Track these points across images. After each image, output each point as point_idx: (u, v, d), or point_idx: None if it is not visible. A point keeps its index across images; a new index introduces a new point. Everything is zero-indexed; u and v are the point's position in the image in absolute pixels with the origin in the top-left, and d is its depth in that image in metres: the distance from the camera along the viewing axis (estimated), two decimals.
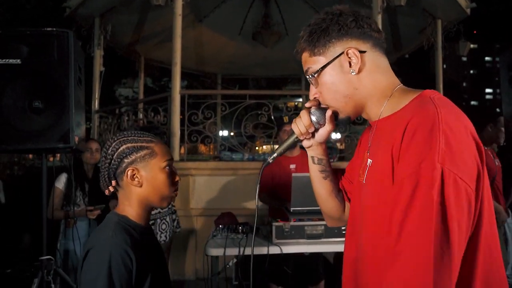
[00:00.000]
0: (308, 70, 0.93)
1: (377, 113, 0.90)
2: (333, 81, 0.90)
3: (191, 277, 3.99)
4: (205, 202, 4.04)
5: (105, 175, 1.10)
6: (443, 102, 0.79)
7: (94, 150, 2.80)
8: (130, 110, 5.51)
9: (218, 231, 2.55)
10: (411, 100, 0.83)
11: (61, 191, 2.66)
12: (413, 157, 0.71)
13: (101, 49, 5.09)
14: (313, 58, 0.92)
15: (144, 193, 1.09)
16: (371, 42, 0.89)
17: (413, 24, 5.33)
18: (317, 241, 2.33)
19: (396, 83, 0.91)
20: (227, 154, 4.59)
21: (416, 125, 0.74)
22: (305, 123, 0.98)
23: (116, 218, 1.08)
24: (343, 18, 0.88)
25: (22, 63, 1.79)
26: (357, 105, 0.91)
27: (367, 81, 0.89)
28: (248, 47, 6.46)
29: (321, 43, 0.89)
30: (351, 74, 0.88)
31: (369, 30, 0.89)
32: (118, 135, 1.12)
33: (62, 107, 1.84)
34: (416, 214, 0.69)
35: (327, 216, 1.15)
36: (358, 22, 0.88)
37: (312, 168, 1.08)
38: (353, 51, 0.87)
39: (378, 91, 0.89)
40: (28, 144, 1.80)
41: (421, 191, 0.69)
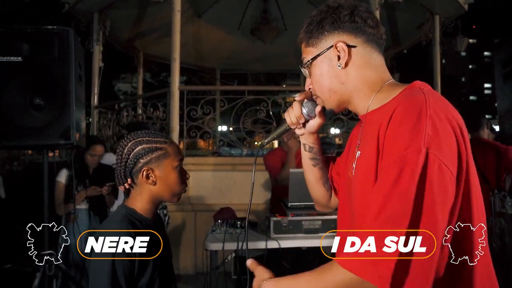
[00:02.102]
0: (303, 60, 0.96)
1: (364, 106, 0.90)
2: (321, 73, 0.91)
3: (190, 272, 4.04)
4: (204, 198, 4.08)
5: (121, 173, 1.17)
6: (433, 93, 0.80)
7: (98, 155, 2.81)
8: (129, 105, 5.53)
9: (217, 226, 2.58)
10: (399, 92, 0.83)
11: (63, 185, 2.70)
12: (400, 142, 0.71)
13: (100, 44, 5.09)
14: (308, 49, 0.94)
15: (157, 190, 1.18)
16: (364, 37, 0.88)
17: (411, 19, 5.34)
18: (314, 236, 2.37)
19: (387, 78, 0.90)
20: (226, 149, 4.62)
21: (403, 111, 0.74)
22: (296, 114, 1.01)
23: (124, 211, 1.17)
24: (338, 11, 0.89)
25: (23, 61, 1.81)
26: (341, 99, 0.92)
27: (354, 75, 0.89)
28: (247, 42, 6.47)
29: (315, 35, 0.91)
30: (338, 68, 0.88)
31: (363, 25, 0.88)
32: (134, 136, 1.19)
33: (63, 104, 1.86)
34: (397, 198, 0.69)
35: (314, 200, 1.21)
36: (352, 16, 0.88)
37: (303, 155, 1.13)
38: (341, 45, 0.87)
39: (366, 86, 0.89)
40: (29, 140, 1.83)
41: (406, 175, 0.68)
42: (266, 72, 11.36)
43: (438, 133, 0.70)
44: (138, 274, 1.10)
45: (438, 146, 0.69)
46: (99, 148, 2.81)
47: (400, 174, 0.69)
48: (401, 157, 0.70)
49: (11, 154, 6.19)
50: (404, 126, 0.72)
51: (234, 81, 12.98)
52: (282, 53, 6.94)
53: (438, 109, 0.73)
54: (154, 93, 5.26)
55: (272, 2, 5.84)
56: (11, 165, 6.24)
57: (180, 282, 3.82)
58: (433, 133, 0.70)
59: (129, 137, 1.19)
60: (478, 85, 48.88)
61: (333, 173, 1.13)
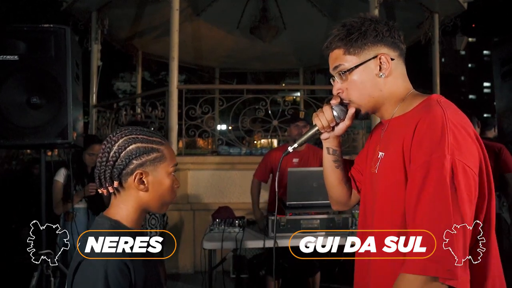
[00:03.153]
0: (338, 66, 1.02)
1: (391, 113, 1.03)
2: (362, 81, 1.00)
3: (189, 271, 4.04)
4: (203, 197, 4.08)
5: (106, 174, 0.98)
6: (448, 105, 0.92)
7: (97, 154, 2.80)
8: (128, 104, 5.52)
9: (215, 225, 2.58)
10: (419, 103, 0.96)
11: (61, 184, 2.70)
12: (425, 150, 0.84)
13: (98, 43, 5.08)
14: (347, 56, 1.00)
15: (147, 198, 1.01)
16: (399, 52, 1.01)
17: (410, 18, 5.33)
18: (312, 235, 2.37)
19: (410, 88, 1.04)
20: (225, 148, 4.61)
21: (427, 124, 0.86)
22: (328, 117, 1.07)
23: (107, 224, 0.98)
24: (380, 26, 0.99)
25: (20, 59, 1.80)
26: (376, 104, 1.03)
27: (391, 85, 1.01)
28: (246, 41, 6.45)
29: (358, 44, 0.99)
30: (380, 77, 0.99)
31: (398, 41, 1.01)
32: (125, 131, 1.01)
33: (60, 103, 1.85)
34: (430, 195, 0.81)
35: (334, 201, 1.27)
36: (391, 32, 1.00)
37: (326, 158, 1.19)
38: (385, 57, 0.98)
39: (396, 95, 1.02)
40: (27, 139, 1.82)
41: (433, 176, 0.81)
42: (265, 71, 11.34)
43: (459, 142, 0.83)
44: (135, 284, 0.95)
45: (460, 152, 0.82)
46: (97, 147, 2.80)
47: (427, 175, 0.82)
48: (428, 161, 0.83)
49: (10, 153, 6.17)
50: (430, 137, 0.84)
51: (234, 80, 12.96)
52: (282, 51, 6.93)
53: (455, 121, 0.86)
54: (153, 92, 5.25)
55: (271, 1, 5.83)
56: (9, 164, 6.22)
57: (179, 281, 3.83)
58: (455, 142, 0.83)
59: (119, 133, 1.01)
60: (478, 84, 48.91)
61: (354, 172, 1.22)
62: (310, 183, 2.52)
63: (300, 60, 7.74)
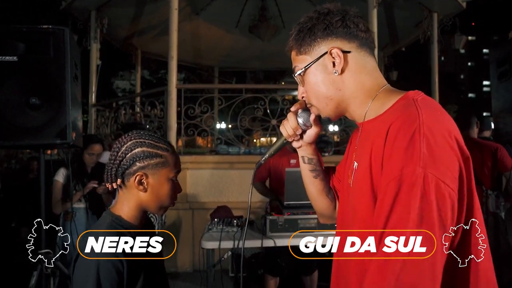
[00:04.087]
0: (295, 68, 0.93)
1: (362, 114, 0.89)
2: (316, 81, 0.89)
3: (188, 269, 4.06)
4: (202, 196, 4.09)
5: (112, 171, 1.08)
6: (426, 104, 0.78)
7: (96, 154, 2.81)
8: (127, 103, 5.52)
9: (214, 224, 2.60)
10: (394, 102, 0.83)
11: (61, 184, 2.71)
12: (395, 163, 0.71)
13: (97, 42, 5.08)
14: (300, 57, 0.91)
15: (146, 199, 1.10)
16: (357, 42, 0.87)
17: (409, 17, 5.35)
18: (310, 234, 2.38)
19: (382, 83, 0.89)
20: (224, 147, 4.62)
21: (397, 130, 0.74)
22: (292, 125, 0.99)
23: (109, 219, 1.08)
24: (329, 17, 0.87)
25: (19, 60, 1.80)
26: (338, 107, 0.91)
27: (351, 81, 0.87)
28: (245, 40, 6.46)
29: (307, 42, 0.88)
30: (334, 74, 0.87)
31: (355, 30, 0.87)
32: (135, 135, 1.10)
33: (59, 103, 1.86)
34: (397, 216, 0.69)
35: (319, 213, 1.17)
36: (344, 22, 0.86)
37: (303, 167, 1.10)
38: (336, 51, 0.85)
39: (362, 92, 0.88)
40: (26, 140, 1.82)
41: (403, 194, 0.69)
42: (264, 69, 11.34)
43: (433, 151, 0.70)
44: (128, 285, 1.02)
45: (434, 165, 0.69)
46: (97, 147, 2.81)
47: (398, 192, 0.69)
48: (397, 176, 0.70)
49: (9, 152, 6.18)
50: (399, 146, 0.72)
51: (233, 79, 12.96)
52: (280, 50, 6.82)
53: (431, 125, 0.72)
54: (151, 91, 5.26)
55: (270, 0, 5.83)
56: (9, 163, 6.24)
57: (178, 280, 3.84)
58: (428, 152, 0.69)
59: (130, 135, 1.10)
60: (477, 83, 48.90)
61: (335, 181, 1.11)
62: None
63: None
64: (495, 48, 2.11)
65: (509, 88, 1.91)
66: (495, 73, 2.02)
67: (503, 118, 1.96)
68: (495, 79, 2.02)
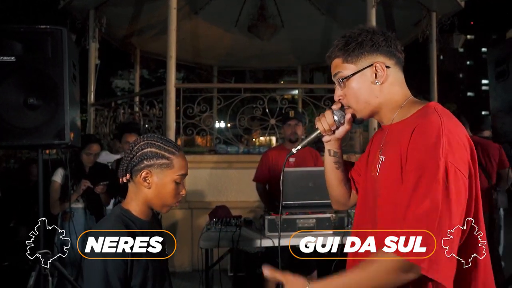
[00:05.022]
0: (337, 73, 1.09)
1: (390, 118, 1.08)
2: (359, 87, 1.07)
3: (187, 269, 4.07)
4: (201, 195, 4.09)
5: (124, 166, 1.21)
6: (444, 112, 0.97)
7: (94, 154, 2.81)
8: (126, 103, 5.52)
9: (212, 224, 2.60)
10: (418, 110, 1.01)
11: (59, 184, 2.71)
12: (421, 153, 0.90)
13: (96, 42, 5.07)
14: (345, 65, 1.07)
15: (150, 195, 1.20)
16: (395, 60, 1.07)
17: (408, 17, 5.34)
18: (308, 234, 2.39)
19: (408, 95, 1.09)
20: (223, 147, 4.62)
21: (423, 129, 0.92)
22: (329, 121, 1.14)
23: (118, 211, 1.21)
24: (376, 36, 1.05)
25: (17, 60, 1.80)
26: (373, 110, 1.09)
27: (387, 92, 1.06)
28: (244, 39, 6.45)
29: (355, 53, 1.05)
30: (376, 84, 1.05)
31: (395, 50, 1.07)
32: (149, 137, 1.22)
33: (57, 103, 1.86)
34: (421, 195, 0.86)
35: (335, 200, 1.34)
36: (387, 42, 1.06)
37: (327, 159, 1.26)
38: (380, 65, 1.04)
39: (393, 101, 1.07)
40: (24, 140, 1.83)
41: (426, 177, 0.87)
42: (263, 69, 11.33)
43: (452, 147, 0.88)
44: (130, 274, 1.11)
45: (453, 156, 0.88)
46: (95, 147, 2.81)
47: (421, 176, 0.87)
48: (421, 164, 0.88)
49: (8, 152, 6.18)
50: (425, 141, 0.90)
51: (232, 78, 12.96)
52: (280, 49, 6.92)
53: (450, 128, 0.91)
54: (150, 91, 5.26)
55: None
56: (7, 163, 6.23)
57: (177, 279, 3.84)
58: (449, 147, 0.88)
59: (145, 136, 1.23)
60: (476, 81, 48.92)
61: (354, 173, 1.28)
62: (306, 182, 2.53)
63: (298, 58, 7.74)
64: (493, 48, 2.11)
65: (506, 88, 1.92)
66: (493, 73, 2.02)
67: (500, 118, 1.97)
68: (493, 79, 2.02)
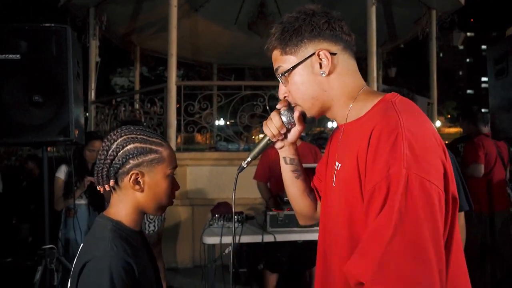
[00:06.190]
0: (278, 68, 0.93)
1: (344, 115, 0.91)
2: (302, 81, 0.90)
3: (188, 265, 4.10)
4: (201, 192, 4.12)
5: (103, 172, 0.98)
6: (404, 107, 0.81)
7: (97, 150, 2.83)
8: (127, 100, 5.54)
9: (214, 220, 2.63)
10: (374, 105, 0.86)
11: (62, 181, 2.73)
12: (380, 165, 0.73)
13: (96, 39, 5.08)
14: (284, 57, 0.91)
15: (143, 199, 1.01)
16: (342, 45, 0.89)
17: (408, 14, 5.36)
18: (309, 230, 2.42)
19: (362, 85, 0.92)
20: (223, 144, 4.64)
21: (379, 133, 0.76)
22: (277, 124, 0.98)
23: (110, 225, 0.98)
24: (316, 18, 0.88)
25: (22, 58, 1.83)
26: (323, 107, 0.92)
27: (336, 83, 0.89)
28: (244, 37, 6.46)
29: (293, 42, 0.88)
30: (321, 75, 0.88)
31: (340, 33, 0.89)
32: (125, 130, 1.01)
33: (62, 101, 1.89)
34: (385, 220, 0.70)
35: (299, 215, 1.18)
36: (330, 24, 0.88)
37: (284, 168, 1.10)
38: (324, 53, 0.87)
39: (345, 94, 0.90)
40: (29, 137, 1.85)
41: (390, 197, 0.70)
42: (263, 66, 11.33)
43: (416, 152, 0.72)
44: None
45: (417, 164, 0.71)
46: (97, 143, 2.83)
47: (386, 196, 0.71)
48: (383, 179, 0.72)
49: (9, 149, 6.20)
50: (383, 149, 0.74)
51: (232, 76, 12.96)
52: None
53: (411, 127, 0.75)
54: (151, 88, 5.27)
55: None
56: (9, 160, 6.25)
57: (178, 275, 3.88)
58: (411, 153, 0.71)
59: (120, 132, 1.00)
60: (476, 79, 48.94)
61: (316, 181, 1.12)
62: None
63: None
64: (492, 46, 2.14)
65: (505, 85, 1.94)
66: (492, 71, 2.04)
67: (499, 115, 1.99)
68: (492, 76, 2.05)
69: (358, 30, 3.90)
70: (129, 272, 0.90)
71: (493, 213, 2.96)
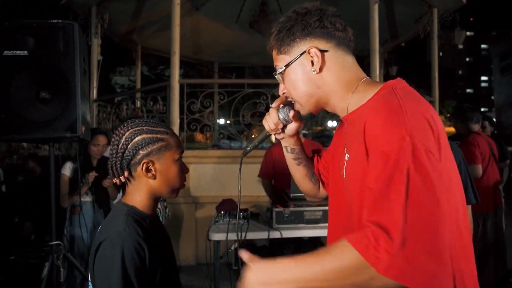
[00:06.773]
0: (276, 67, 0.98)
1: (343, 107, 0.92)
2: (296, 79, 0.94)
3: (191, 263, 4.10)
4: (204, 190, 4.12)
5: (117, 165, 1.06)
6: (406, 92, 0.82)
7: (101, 145, 2.84)
8: (129, 99, 5.54)
9: (220, 217, 2.63)
10: (375, 93, 0.86)
11: (68, 177, 2.74)
12: (382, 137, 0.74)
13: (98, 38, 5.08)
14: (280, 56, 0.96)
15: (157, 185, 1.09)
16: (335, 41, 0.91)
17: (409, 13, 5.36)
18: (315, 226, 2.43)
19: (361, 76, 0.93)
20: (226, 142, 4.65)
21: (381, 111, 0.78)
22: (274, 120, 1.06)
23: (125, 209, 1.07)
24: (307, 17, 0.90)
25: (29, 55, 1.83)
26: (319, 102, 0.95)
27: (330, 78, 0.91)
28: (245, 35, 6.46)
29: (286, 42, 0.92)
30: (313, 73, 0.91)
31: (332, 30, 0.90)
32: (131, 124, 1.08)
33: (69, 97, 1.89)
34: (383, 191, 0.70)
35: (305, 193, 1.29)
36: (322, 22, 0.90)
37: (286, 156, 1.20)
38: (314, 51, 0.89)
39: (341, 87, 0.92)
40: (36, 133, 1.86)
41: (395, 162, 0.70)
42: (264, 65, 11.33)
43: (416, 125, 0.73)
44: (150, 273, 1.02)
45: (419, 133, 0.72)
46: (102, 138, 2.85)
47: (386, 165, 0.71)
48: (386, 150, 0.72)
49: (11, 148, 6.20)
50: (384, 124, 0.75)
51: (232, 74, 12.96)
52: None
53: (412, 107, 0.76)
54: (153, 87, 5.27)
55: None
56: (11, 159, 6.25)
57: (181, 273, 3.88)
58: (414, 122, 0.73)
59: (126, 126, 1.08)
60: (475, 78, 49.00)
61: (320, 167, 1.19)
62: None
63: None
64: (497, 43, 2.15)
65: (511, 82, 1.95)
66: (497, 67, 2.05)
67: (505, 112, 2.00)
68: (497, 73, 2.05)
69: (361, 29, 3.90)
70: (139, 251, 0.98)
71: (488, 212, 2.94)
